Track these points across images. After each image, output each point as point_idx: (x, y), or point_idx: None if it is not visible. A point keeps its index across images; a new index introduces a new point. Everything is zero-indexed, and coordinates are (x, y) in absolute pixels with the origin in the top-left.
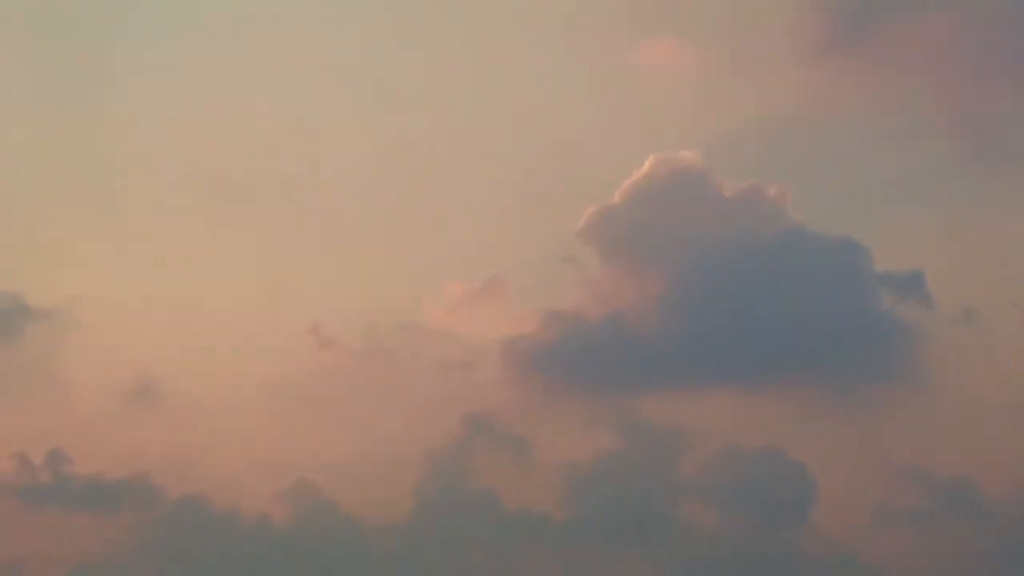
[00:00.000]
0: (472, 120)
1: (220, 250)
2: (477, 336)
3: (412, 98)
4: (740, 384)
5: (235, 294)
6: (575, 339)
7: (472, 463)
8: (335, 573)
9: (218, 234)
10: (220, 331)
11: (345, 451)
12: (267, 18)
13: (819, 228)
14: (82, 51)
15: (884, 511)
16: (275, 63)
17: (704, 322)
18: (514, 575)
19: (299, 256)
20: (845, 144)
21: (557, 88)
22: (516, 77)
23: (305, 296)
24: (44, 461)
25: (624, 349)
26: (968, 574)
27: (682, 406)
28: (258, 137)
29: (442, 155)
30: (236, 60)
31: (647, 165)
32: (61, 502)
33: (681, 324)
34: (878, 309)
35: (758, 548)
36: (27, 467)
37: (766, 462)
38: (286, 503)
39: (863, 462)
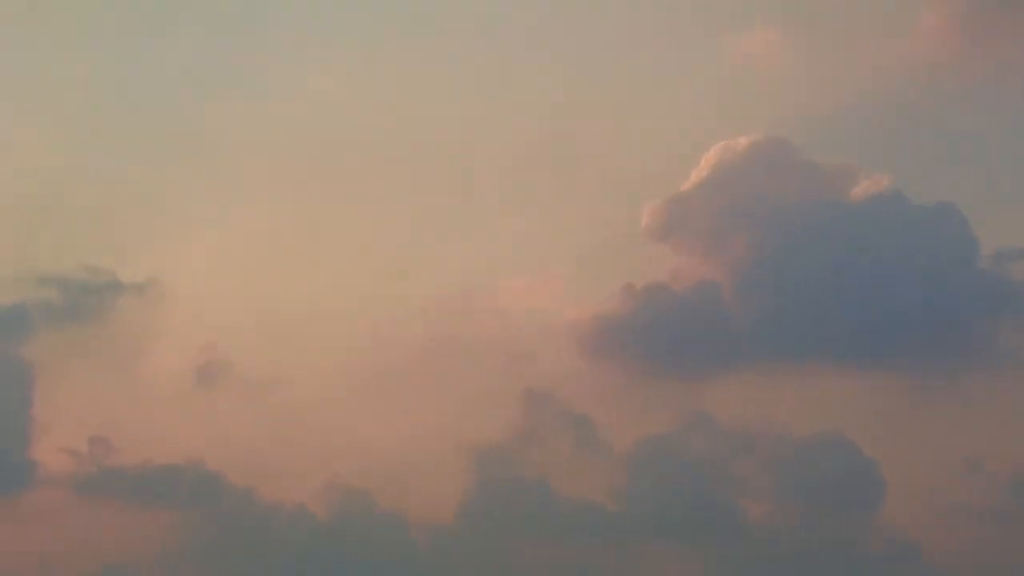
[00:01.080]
0: (574, 105)
1: (294, 237)
2: (542, 318)
3: (505, 88)
4: (814, 372)
5: (305, 282)
6: (647, 320)
7: (528, 451)
8: (387, 569)
9: (291, 222)
10: (287, 317)
11: (407, 438)
12: None
13: (920, 201)
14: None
15: (956, 506)
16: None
17: (786, 304)
18: (562, 569)
19: (370, 245)
20: (951, 125)
21: (659, 76)
22: (622, 69)
23: (371, 287)
24: (102, 445)
25: (696, 331)
26: None
27: (750, 393)
28: (338, 131)
29: (526, 139)
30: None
31: (739, 141)
32: (111, 488)
33: (757, 306)
34: (998, 285)
35: (821, 543)
36: (85, 453)
37: (832, 453)
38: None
39: (939, 454)
